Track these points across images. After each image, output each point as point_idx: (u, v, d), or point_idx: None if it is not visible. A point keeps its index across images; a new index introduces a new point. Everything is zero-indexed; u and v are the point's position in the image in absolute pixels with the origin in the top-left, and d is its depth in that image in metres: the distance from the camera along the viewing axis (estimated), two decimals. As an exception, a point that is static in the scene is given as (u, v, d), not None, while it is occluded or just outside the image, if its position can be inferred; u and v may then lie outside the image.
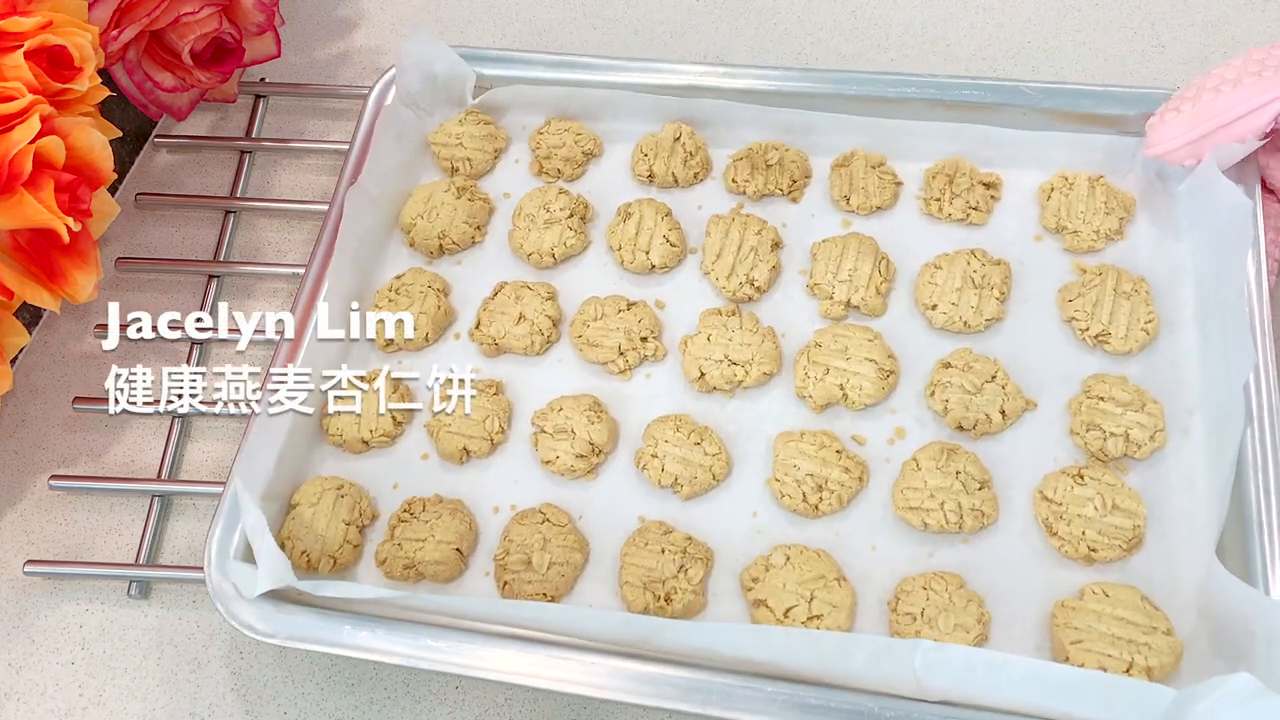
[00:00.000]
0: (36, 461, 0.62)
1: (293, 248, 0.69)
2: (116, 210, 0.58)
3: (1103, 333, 0.56)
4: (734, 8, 0.77)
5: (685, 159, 0.64)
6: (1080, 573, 0.51)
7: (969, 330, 0.58)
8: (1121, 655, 0.47)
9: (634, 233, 0.61)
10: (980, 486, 0.52)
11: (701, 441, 0.55)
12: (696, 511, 0.55)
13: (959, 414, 0.55)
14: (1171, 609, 0.49)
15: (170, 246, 0.69)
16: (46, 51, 0.54)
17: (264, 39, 0.70)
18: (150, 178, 0.72)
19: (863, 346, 0.56)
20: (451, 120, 0.68)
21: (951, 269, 0.59)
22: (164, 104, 0.68)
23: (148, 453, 0.62)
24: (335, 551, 0.54)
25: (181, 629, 0.56)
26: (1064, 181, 0.62)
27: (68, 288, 0.56)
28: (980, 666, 0.45)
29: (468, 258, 0.64)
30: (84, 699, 0.55)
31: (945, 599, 0.50)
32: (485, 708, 0.53)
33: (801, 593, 0.50)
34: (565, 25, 0.76)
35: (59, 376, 0.65)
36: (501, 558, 0.53)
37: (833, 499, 0.53)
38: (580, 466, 0.55)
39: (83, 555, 0.59)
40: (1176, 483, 0.53)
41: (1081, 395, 0.55)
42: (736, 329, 0.58)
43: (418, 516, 0.54)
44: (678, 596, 0.51)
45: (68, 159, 0.54)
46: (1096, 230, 0.60)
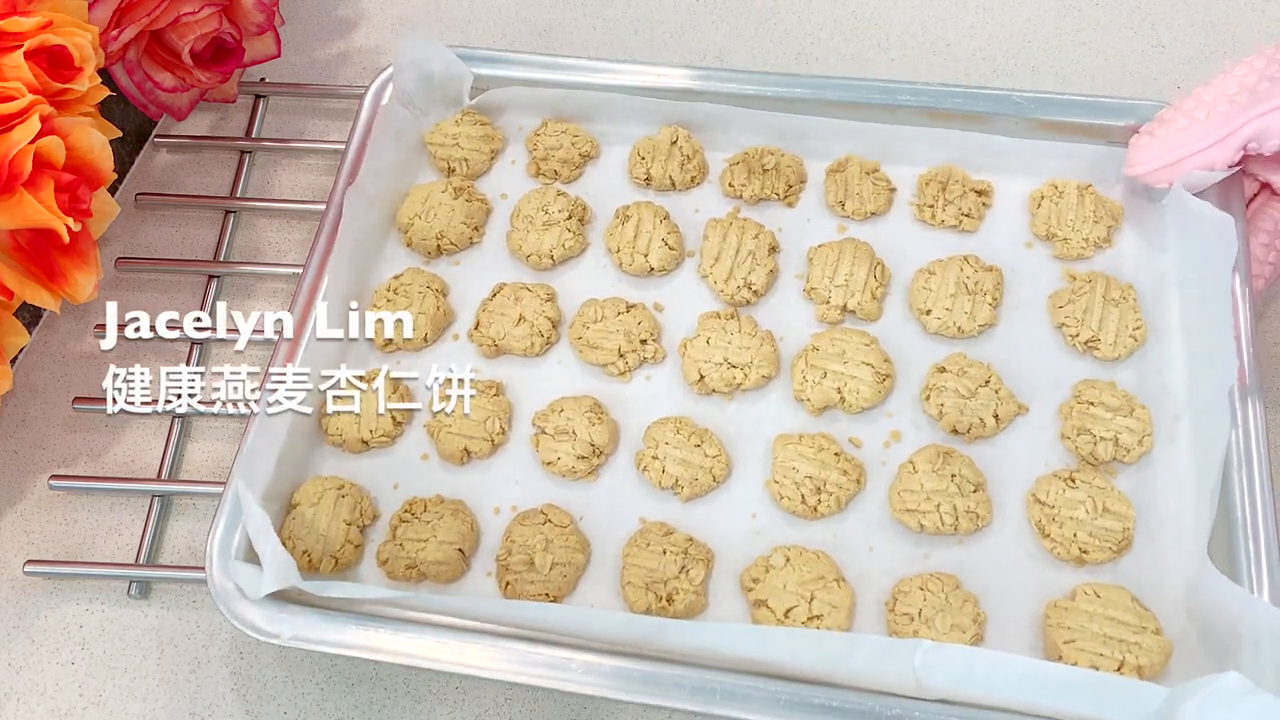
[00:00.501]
0: (36, 461, 0.62)
1: (292, 248, 0.69)
2: (116, 210, 0.58)
3: (1092, 339, 0.58)
4: (734, 8, 0.78)
5: (682, 162, 0.65)
6: (1071, 574, 0.52)
7: (963, 335, 0.59)
8: (1113, 654, 0.48)
9: (632, 235, 0.62)
10: (975, 489, 0.54)
11: (702, 443, 0.55)
12: (696, 513, 0.55)
13: (954, 418, 0.56)
14: (1160, 609, 0.50)
15: (170, 246, 0.69)
16: (46, 51, 0.53)
17: (264, 39, 0.70)
18: (150, 178, 0.72)
19: (859, 350, 0.57)
20: (448, 120, 0.68)
21: (945, 275, 0.60)
22: (164, 104, 0.68)
23: (148, 453, 0.61)
24: (337, 551, 0.54)
25: (181, 629, 0.56)
26: (1054, 190, 0.63)
27: (68, 288, 0.55)
28: (979, 666, 0.46)
29: (465, 258, 0.65)
30: (84, 699, 0.54)
31: (942, 599, 0.51)
32: (485, 708, 0.53)
33: (802, 593, 0.51)
34: (565, 25, 0.77)
35: (59, 376, 0.64)
36: (504, 558, 0.54)
37: (831, 501, 0.54)
38: (581, 468, 0.56)
39: (83, 555, 0.59)
40: (1163, 486, 0.54)
41: (1072, 400, 0.56)
42: (735, 332, 0.58)
43: (419, 517, 0.55)
44: (679, 597, 0.52)
45: (68, 159, 0.54)
46: (1086, 238, 0.61)
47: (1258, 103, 0.56)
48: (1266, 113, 0.55)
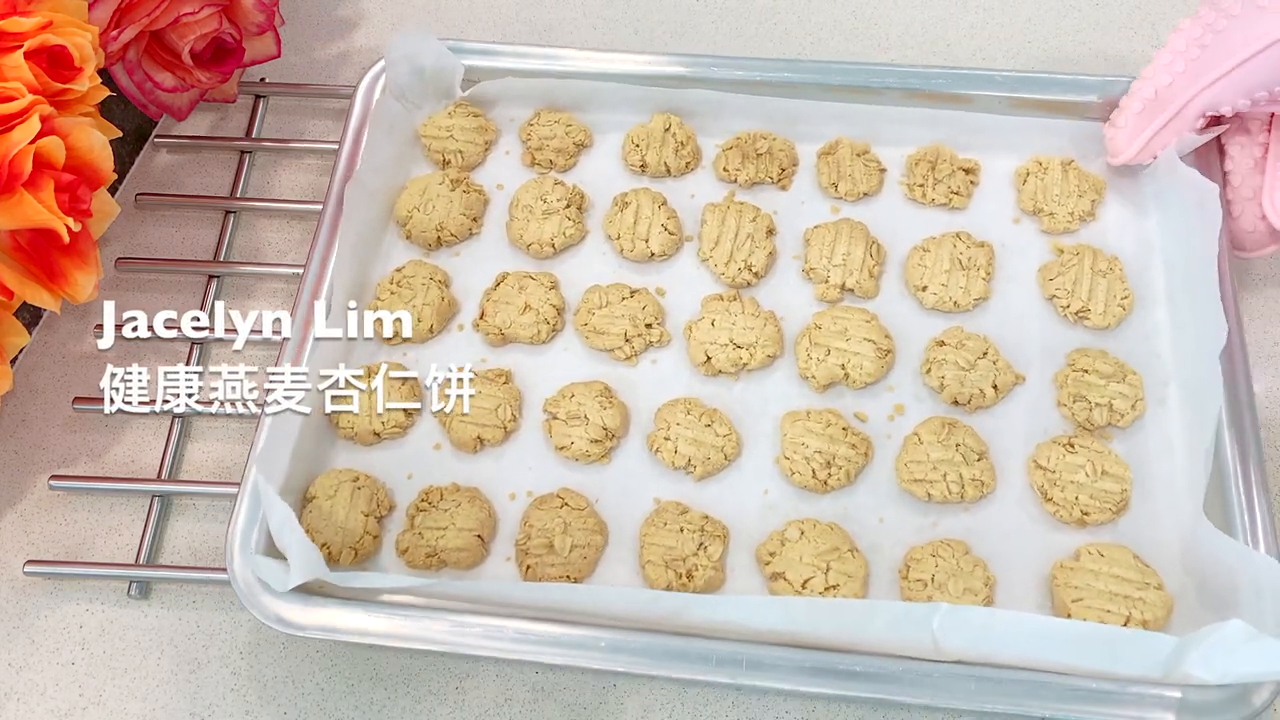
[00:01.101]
0: (36, 461, 0.61)
1: (292, 247, 0.68)
2: (116, 210, 0.58)
3: (1083, 309, 0.60)
4: (734, 8, 0.78)
5: (676, 149, 0.66)
6: (1074, 535, 0.54)
7: (959, 310, 0.61)
8: (1119, 610, 0.50)
9: (632, 221, 0.63)
10: (979, 458, 0.55)
11: (712, 423, 0.57)
12: (710, 491, 0.56)
13: (954, 389, 0.57)
14: (1159, 566, 0.52)
15: (170, 246, 0.68)
16: (46, 51, 0.53)
17: (264, 39, 0.69)
18: (150, 178, 0.71)
19: (861, 327, 0.59)
20: (440, 113, 0.68)
21: (939, 251, 0.61)
22: (164, 104, 0.67)
23: (148, 453, 0.61)
24: (356, 543, 0.54)
25: (182, 629, 0.56)
26: (1038, 166, 0.65)
27: (68, 288, 0.55)
28: (995, 626, 0.47)
29: (465, 249, 0.65)
30: (84, 699, 0.54)
31: (953, 564, 0.52)
32: (485, 708, 0.53)
33: (818, 564, 0.52)
34: (565, 25, 0.77)
35: (59, 376, 0.64)
36: (523, 542, 0.54)
37: (840, 474, 0.55)
38: (595, 451, 0.57)
39: (83, 555, 0.58)
40: (1156, 448, 0.56)
41: (1066, 369, 0.58)
42: (739, 313, 0.60)
43: (436, 505, 0.55)
44: (699, 573, 0.53)
45: (68, 159, 0.53)
46: (1071, 212, 0.63)
47: (1198, 76, 0.57)
48: (1209, 86, 0.57)
